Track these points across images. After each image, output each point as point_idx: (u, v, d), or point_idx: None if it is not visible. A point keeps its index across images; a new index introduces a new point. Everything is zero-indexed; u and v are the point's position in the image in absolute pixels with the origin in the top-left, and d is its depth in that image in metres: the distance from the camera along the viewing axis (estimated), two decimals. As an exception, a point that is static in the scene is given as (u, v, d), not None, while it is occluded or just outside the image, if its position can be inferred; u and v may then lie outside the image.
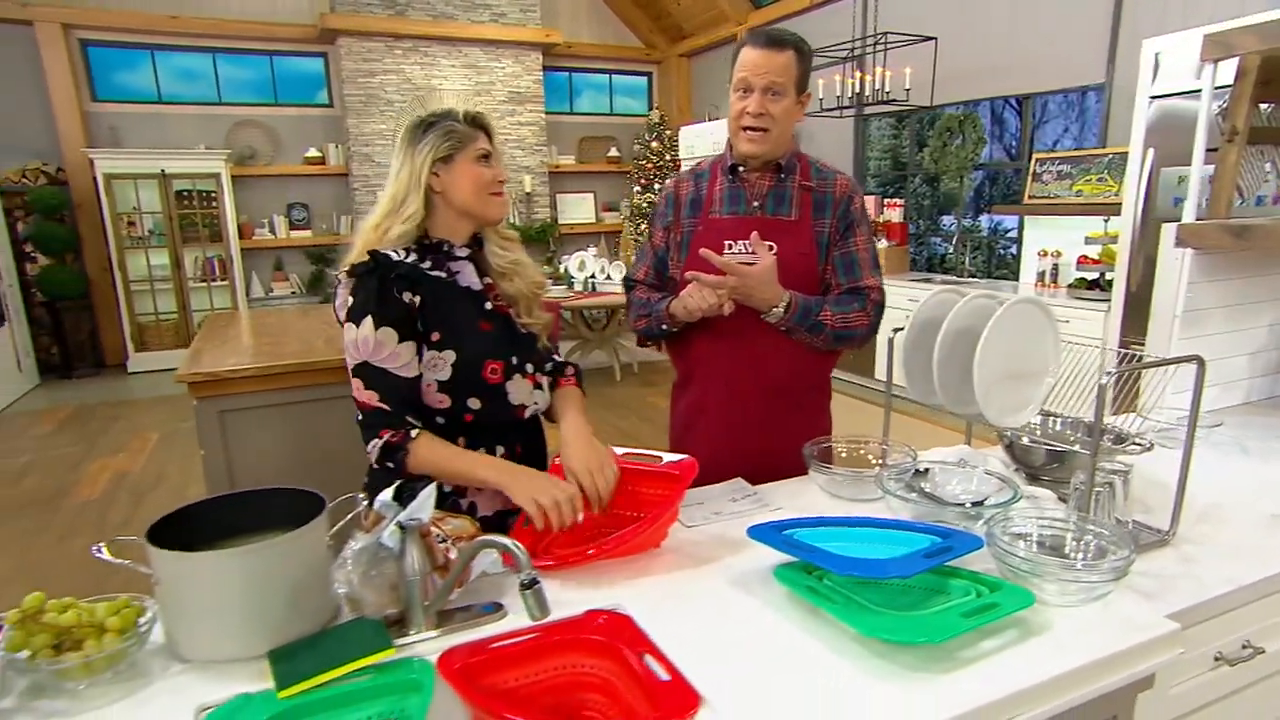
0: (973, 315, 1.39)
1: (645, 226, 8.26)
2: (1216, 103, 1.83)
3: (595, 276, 6.48)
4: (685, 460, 1.38)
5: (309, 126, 7.77)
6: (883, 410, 1.71)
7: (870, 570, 1.03)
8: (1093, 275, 4.64)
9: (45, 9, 6.54)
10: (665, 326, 1.69)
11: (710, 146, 7.24)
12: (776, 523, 1.22)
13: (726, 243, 1.66)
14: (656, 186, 8.51)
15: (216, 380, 2.38)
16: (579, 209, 9.12)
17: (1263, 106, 1.78)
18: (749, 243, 1.61)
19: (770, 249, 1.61)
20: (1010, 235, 6.36)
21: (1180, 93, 3.53)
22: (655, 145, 8.55)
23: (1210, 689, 1.21)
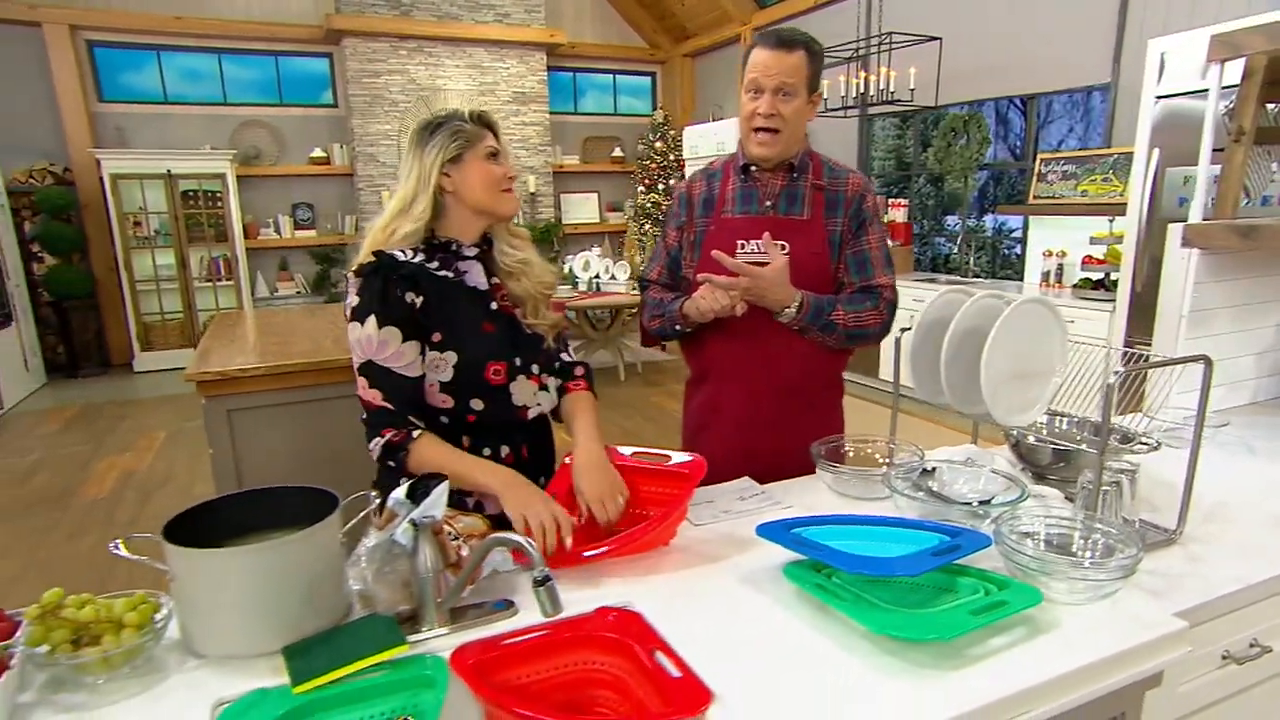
0: (980, 315, 1.40)
1: (650, 226, 8.28)
2: (1223, 103, 1.83)
3: (599, 276, 6.49)
4: (694, 459, 1.39)
5: (314, 127, 7.79)
6: (888, 409, 1.72)
7: (879, 568, 1.04)
8: (1098, 275, 4.64)
9: (52, 10, 6.57)
10: (679, 327, 1.70)
11: (714, 146, 7.25)
12: (785, 521, 1.22)
13: (739, 242, 1.66)
14: (660, 186, 8.51)
15: (225, 379, 2.40)
16: (583, 209, 9.13)
17: (1269, 106, 1.78)
18: (761, 243, 1.61)
19: (782, 249, 1.61)
20: (1014, 235, 6.35)
21: (1186, 93, 3.53)
22: (659, 145, 8.56)
23: (1218, 687, 1.21)
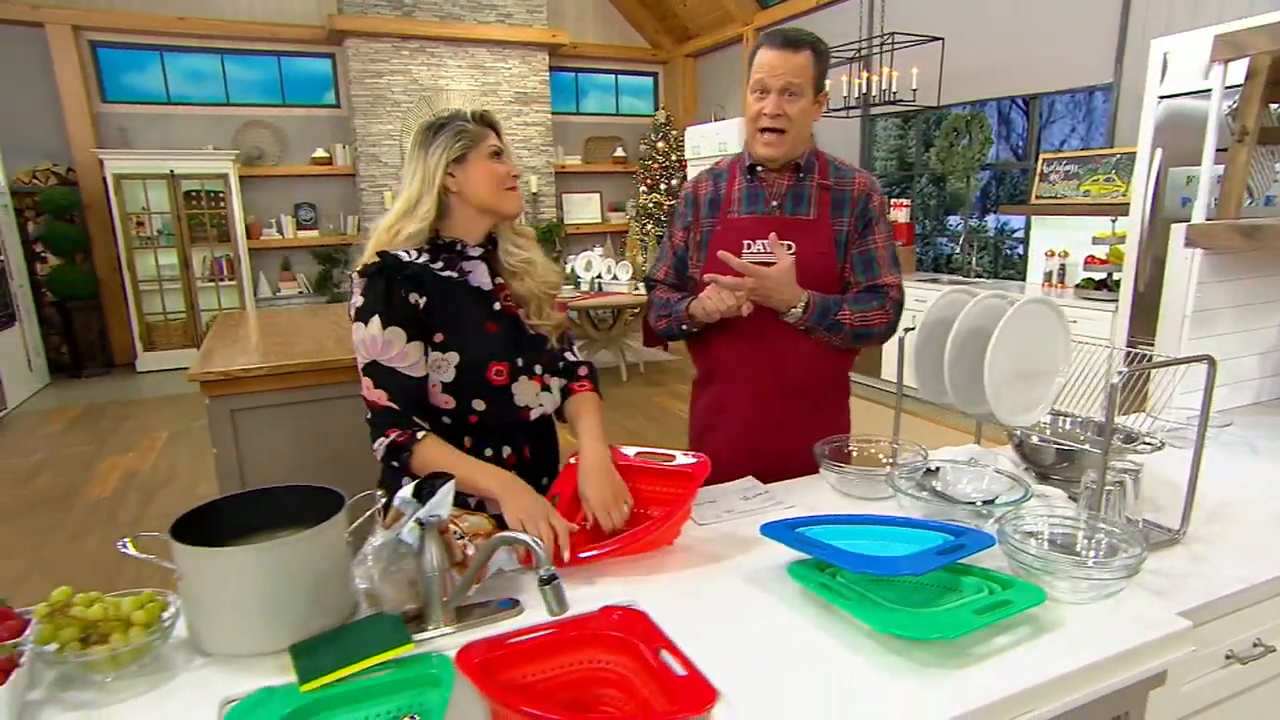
0: (983, 315, 1.40)
1: (651, 226, 8.28)
2: (1227, 103, 1.83)
3: (601, 277, 6.49)
4: (698, 459, 1.39)
5: (316, 127, 7.80)
6: (890, 410, 1.72)
7: (884, 567, 1.04)
8: (1100, 275, 4.64)
9: (56, 11, 6.58)
10: (685, 327, 1.71)
11: (716, 147, 7.25)
12: (789, 520, 1.22)
13: (745, 242, 1.66)
14: (662, 187, 8.52)
15: (229, 379, 2.41)
16: (585, 209, 9.14)
17: (1273, 106, 1.78)
18: (767, 243, 1.61)
19: (789, 249, 1.61)
20: (1016, 235, 6.34)
21: (1188, 93, 3.53)
22: (661, 145, 8.57)
23: (1222, 686, 1.22)
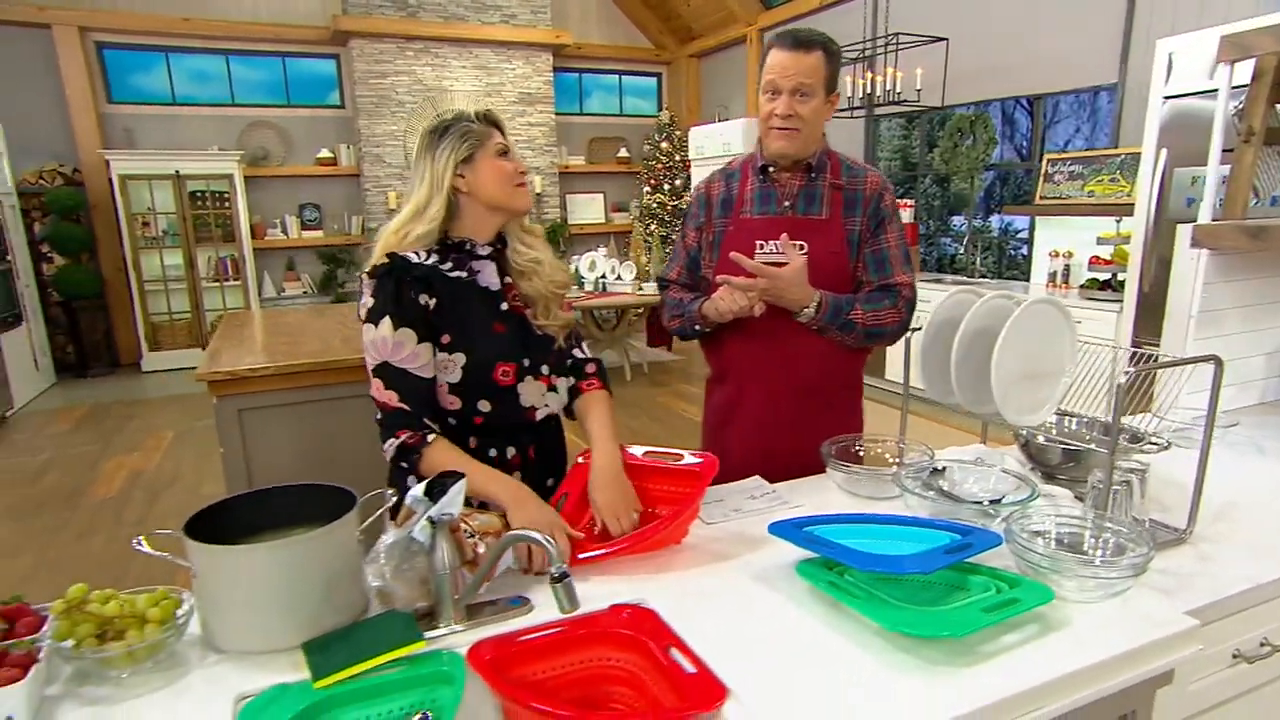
0: (990, 316, 1.40)
1: (655, 227, 8.29)
2: (1232, 103, 1.83)
3: (606, 277, 6.50)
4: (705, 458, 1.40)
5: (321, 127, 7.82)
6: (896, 410, 1.72)
7: (892, 566, 1.04)
8: (1105, 276, 4.64)
9: (62, 12, 6.61)
10: (698, 327, 1.72)
11: (719, 147, 7.26)
12: (796, 519, 1.23)
13: (757, 243, 1.67)
14: (666, 187, 8.53)
15: (236, 379, 2.42)
16: (588, 209, 9.15)
17: (1279, 107, 1.78)
18: (779, 243, 1.62)
19: (801, 249, 1.62)
20: (1021, 236, 6.34)
21: (1193, 93, 3.53)
22: (665, 146, 8.58)
23: (1229, 686, 1.22)
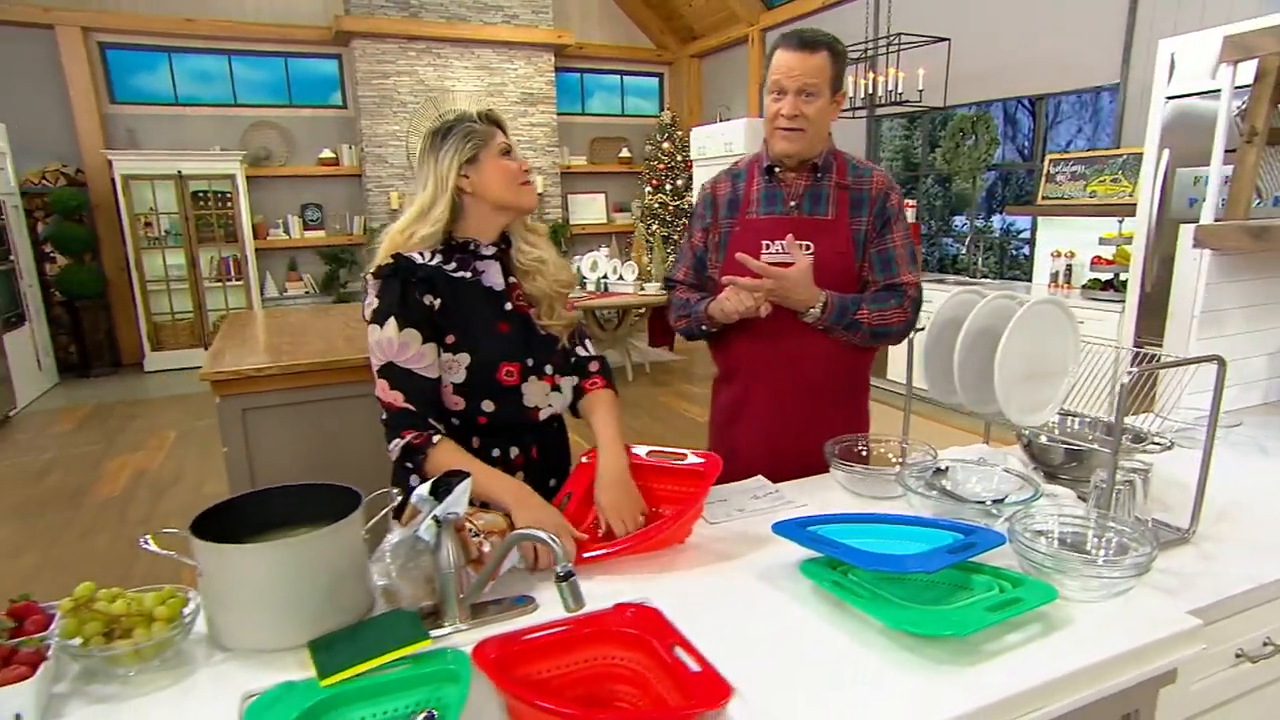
0: (993, 315, 1.41)
1: (657, 227, 8.29)
2: (1235, 103, 1.84)
3: (607, 277, 6.51)
4: (709, 457, 1.40)
5: (323, 128, 7.84)
6: (898, 410, 1.73)
7: (896, 565, 1.05)
8: (1107, 276, 4.63)
9: (65, 12, 6.62)
10: (705, 327, 1.72)
11: (721, 147, 7.26)
12: (800, 519, 1.23)
13: (763, 243, 1.67)
14: (667, 187, 8.53)
15: (239, 379, 2.42)
16: (590, 209, 9.15)
17: (1281, 108, 1.78)
18: (785, 244, 1.62)
19: (807, 250, 1.62)
20: (1023, 236, 6.34)
21: (1196, 93, 3.53)
22: (666, 146, 8.58)
23: (1232, 685, 1.22)
